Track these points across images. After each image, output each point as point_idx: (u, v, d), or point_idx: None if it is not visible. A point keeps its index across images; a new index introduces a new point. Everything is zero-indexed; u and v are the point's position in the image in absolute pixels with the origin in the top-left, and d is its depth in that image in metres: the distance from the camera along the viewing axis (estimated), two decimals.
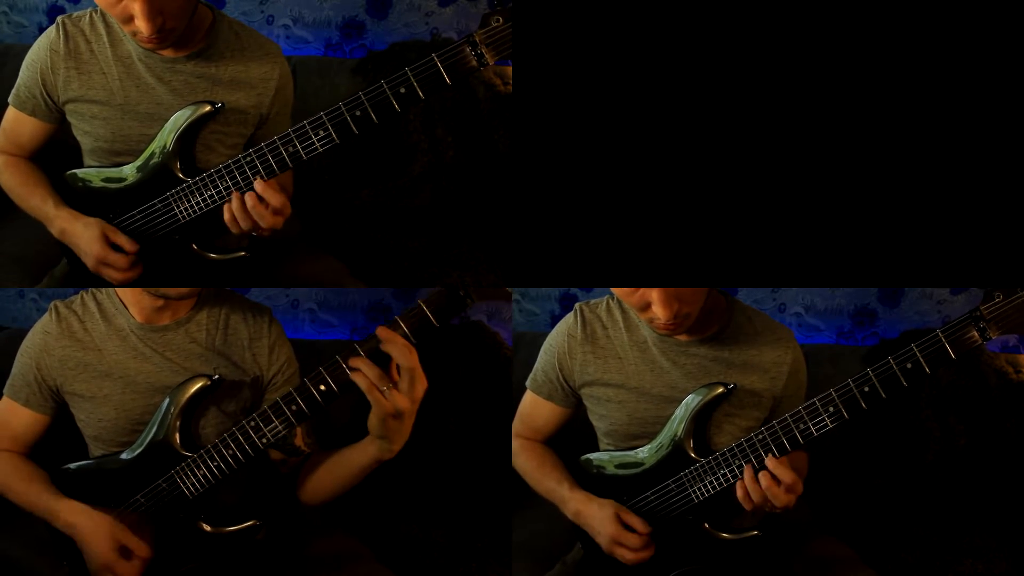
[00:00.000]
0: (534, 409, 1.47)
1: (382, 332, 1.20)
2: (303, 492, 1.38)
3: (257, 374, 1.36)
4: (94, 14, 1.36)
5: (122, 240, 1.33)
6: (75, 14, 1.37)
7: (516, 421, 1.49)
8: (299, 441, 1.35)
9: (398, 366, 1.20)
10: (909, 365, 1.22)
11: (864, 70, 1.38)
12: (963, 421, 1.80)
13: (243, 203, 1.29)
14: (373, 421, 1.23)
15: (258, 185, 1.29)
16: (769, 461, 1.27)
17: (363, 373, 1.20)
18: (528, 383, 1.48)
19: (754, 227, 1.40)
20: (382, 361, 1.21)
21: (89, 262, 1.34)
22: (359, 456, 1.30)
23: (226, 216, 1.31)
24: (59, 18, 1.36)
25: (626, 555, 1.33)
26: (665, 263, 1.41)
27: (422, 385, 1.21)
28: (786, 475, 1.26)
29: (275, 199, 1.29)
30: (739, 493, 1.29)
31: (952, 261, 1.40)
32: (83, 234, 1.34)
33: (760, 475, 1.27)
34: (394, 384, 1.20)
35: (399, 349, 1.19)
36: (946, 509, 1.74)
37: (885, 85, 1.38)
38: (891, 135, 1.38)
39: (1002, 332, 1.21)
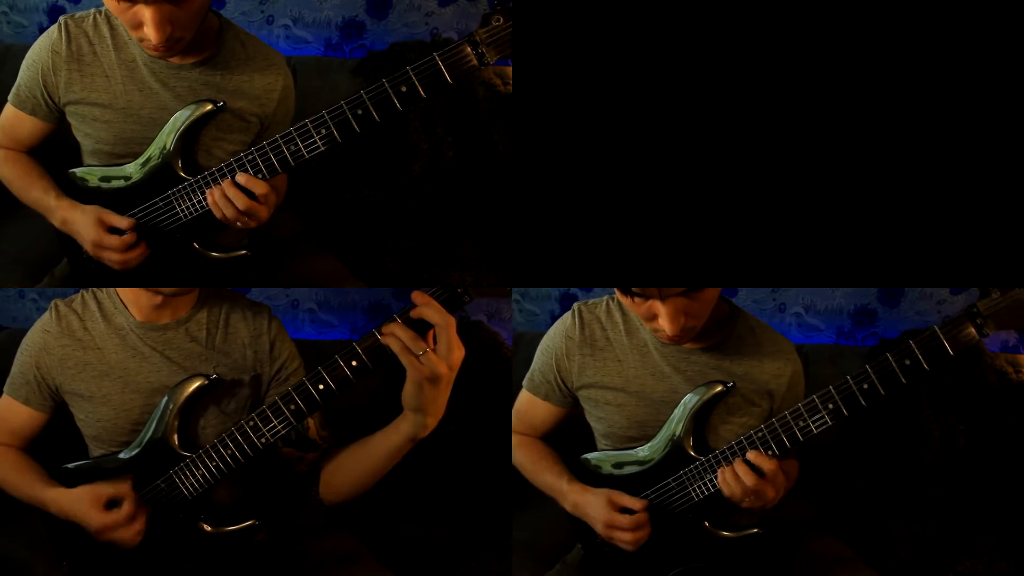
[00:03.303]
0: (531, 408, 1.47)
1: (417, 296, 1.19)
2: (326, 489, 1.36)
3: (258, 372, 1.36)
4: (98, 15, 1.35)
5: (118, 220, 1.33)
6: (78, 15, 1.36)
7: (514, 418, 1.49)
8: (313, 434, 1.35)
9: (434, 334, 1.19)
10: (907, 361, 1.23)
11: (864, 70, 1.38)
12: (963, 421, 1.80)
13: (224, 191, 1.30)
14: (408, 390, 1.21)
15: (240, 177, 1.30)
16: (751, 453, 1.28)
17: (396, 336, 1.18)
18: (525, 383, 1.48)
19: (754, 227, 1.40)
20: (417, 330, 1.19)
21: (88, 247, 1.34)
22: (391, 437, 1.27)
23: (209, 200, 1.31)
24: (61, 18, 1.35)
25: (623, 537, 1.33)
26: (665, 263, 1.41)
27: (459, 351, 1.19)
28: (766, 463, 1.26)
29: (257, 187, 1.29)
30: (723, 487, 1.29)
31: (952, 261, 1.40)
32: (80, 220, 1.34)
33: (737, 466, 1.27)
34: (431, 349, 1.18)
35: (435, 310, 1.18)
36: (946, 509, 1.74)
37: (885, 85, 1.38)
38: (890, 135, 1.39)
39: (999, 328, 1.21)
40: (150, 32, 1.23)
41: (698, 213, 1.40)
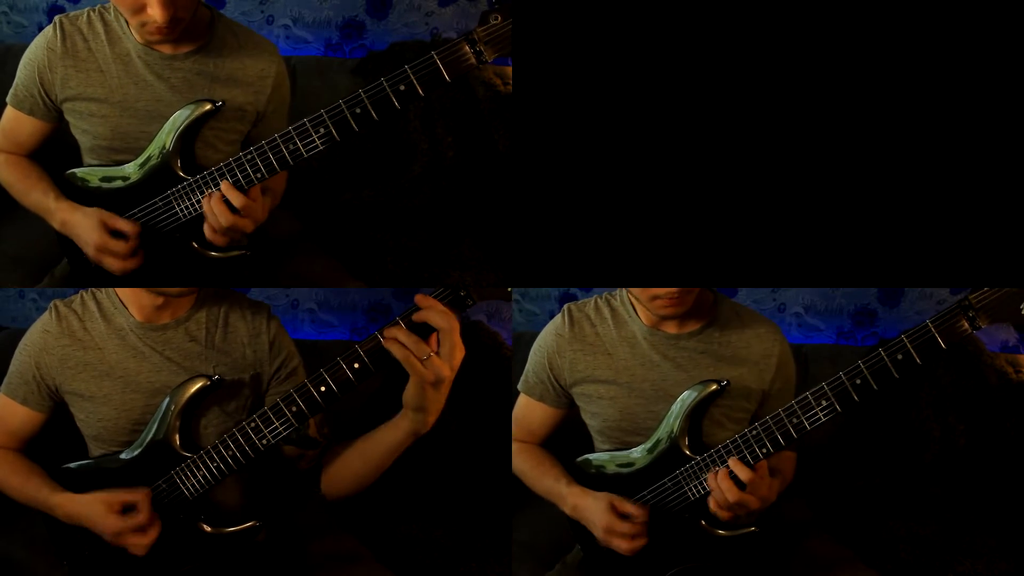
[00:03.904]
0: (528, 412, 1.48)
1: (421, 299, 1.20)
2: (328, 484, 1.37)
3: (257, 371, 1.36)
4: (92, 13, 1.36)
5: (122, 224, 1.33)
6: (72, 13, 1.37)
7: (513, 425, 1.50)
8: (313, 432, 1.35)
9: (437, 336, 1.19)
10: (900, 356, 1.23)
11: (864, 70, 1.38)
12: (963, 421, 1.80)
13: (210, 205, 1.30)
14: (410, 392, 1.23)
15: (223, 186, 1.30)
16: (731, 461, 1.28)
17: (400, 342, 1.19)
18: (520, 386, 1.48)
19: (754, 227, 1.40)
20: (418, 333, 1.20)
21: (89, 251, 1.34)
22: (392, 434, 1.29)
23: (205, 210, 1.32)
24: (57, 17, 1.36)
25: (621, 544, 1.33)
26: (665, 263, 1.41)
27: (461, 352, 1.20)
28: (744, 473, 1.27)
29: (236, 199, 1.29)
30: (710, 501, 1.30)
31: (952, 261, 1.40)
32: (82, 223, 1.34)
33: (719, 474, 1.28)
34: (434, 353, 1.19)
35: (438, 313, 1.19)
36: (945, 509, 1.73)
37: (884, 85, 1.38)
38: (890, 135, 1.39)
39: (992, 321, 1.21)
40: (156, 12, 1.24)
41: (698, 213, 1.40)
